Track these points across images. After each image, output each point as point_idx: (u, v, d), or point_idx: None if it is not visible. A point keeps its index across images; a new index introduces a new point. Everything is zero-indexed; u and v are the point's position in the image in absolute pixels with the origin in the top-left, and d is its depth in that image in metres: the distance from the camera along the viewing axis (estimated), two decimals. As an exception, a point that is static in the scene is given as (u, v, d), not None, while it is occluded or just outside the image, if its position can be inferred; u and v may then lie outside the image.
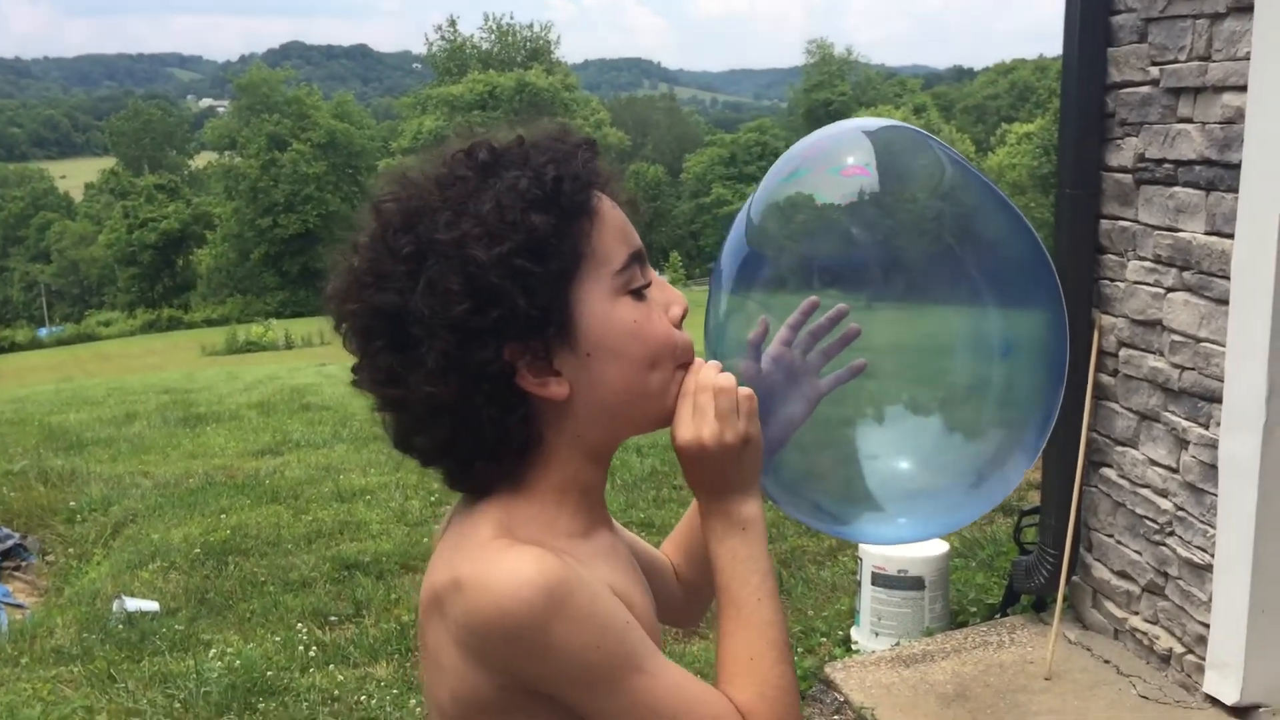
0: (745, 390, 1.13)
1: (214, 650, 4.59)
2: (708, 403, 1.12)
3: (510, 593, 0.98)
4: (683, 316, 1.16)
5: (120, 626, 4.83)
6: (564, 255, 1.05)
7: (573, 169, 1.08)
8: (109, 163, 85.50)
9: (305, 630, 4.78)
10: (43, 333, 52.70)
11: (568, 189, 1.06)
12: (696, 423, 1.12)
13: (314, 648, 4.60)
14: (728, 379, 1.13)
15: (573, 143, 1.11)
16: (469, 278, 1.02)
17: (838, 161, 1.30)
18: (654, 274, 1.15)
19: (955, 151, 1.33)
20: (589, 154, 1.11)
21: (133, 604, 5.05)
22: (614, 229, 1.10)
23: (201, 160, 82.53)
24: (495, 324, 1.03)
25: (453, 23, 67.72)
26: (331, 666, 4.45)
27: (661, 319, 1.13)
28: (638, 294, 1.11)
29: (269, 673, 4.36)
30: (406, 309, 1.03)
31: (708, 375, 1.13)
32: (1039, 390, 1.31)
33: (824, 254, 1.30)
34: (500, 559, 1.02)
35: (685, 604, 1.40)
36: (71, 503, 6.82)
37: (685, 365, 1.15)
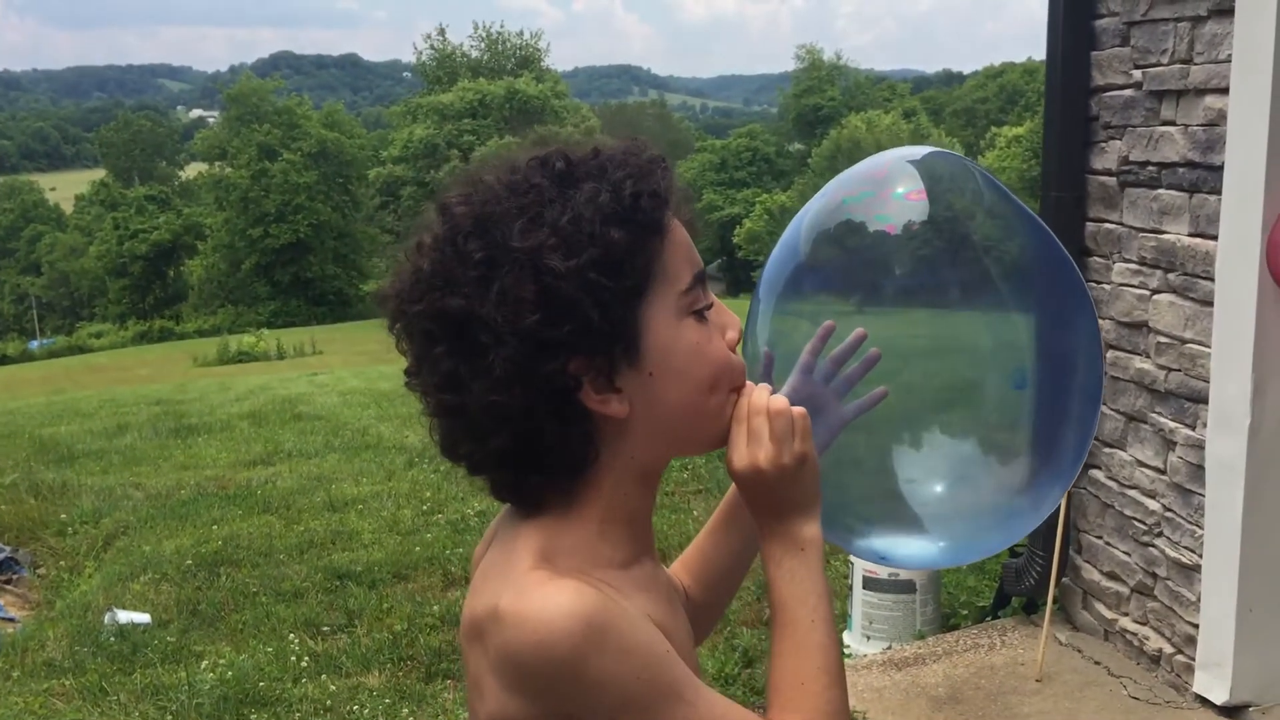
0: (799, 410, 1.12)
1: (206, 662, 4.59)
2: (762, 426, 1.11)
3: (549, 625, 0.97)
4: (738, 340, 1.15)
5: (112, 639, 4.82)
6: (637, 272, 1.04)
7: (651, 185, 1.06)
8: (99, 174, 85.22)
9: (297, 640, 4.78)
10: (34, 345, 52.49)
11: (645, 205, 1.05)
12: (752, 448, 1.11)
13: (306, 658, 4.60)
14: (781, 401, 1.12)
15: (649, 158, 1.10)
16: (544, 288, 1.00)
17: (899, 186, 1.32)
18: (713, 296, 1.14)
19: (995, 179, 1.36)
20: (665, 171, 1.10)
21: (124, 616, 5.05)
22: (682, 249, 1.09)
23: (192, 171, 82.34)
24: (565, 336, 1.01)
25: (442, 31, 67.77)
26: (324, 677, 4.45)
27: (720, 341, 1.12)
28: (700, 315, 1.10)
29: (261, 683, 4.35)
30: (474, 315, 1.01)
31: (760, 398, 1.12)
32: (1075, 416, 1.32)
33: (883, 275, 1.31)
34: (540, 591, 1.00)
35: (691, 625, 1.37)
36: (63, 515, 6.80)
37: (739, 389, 1.14)
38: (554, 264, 1.00)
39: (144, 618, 5.08)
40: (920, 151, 1.37)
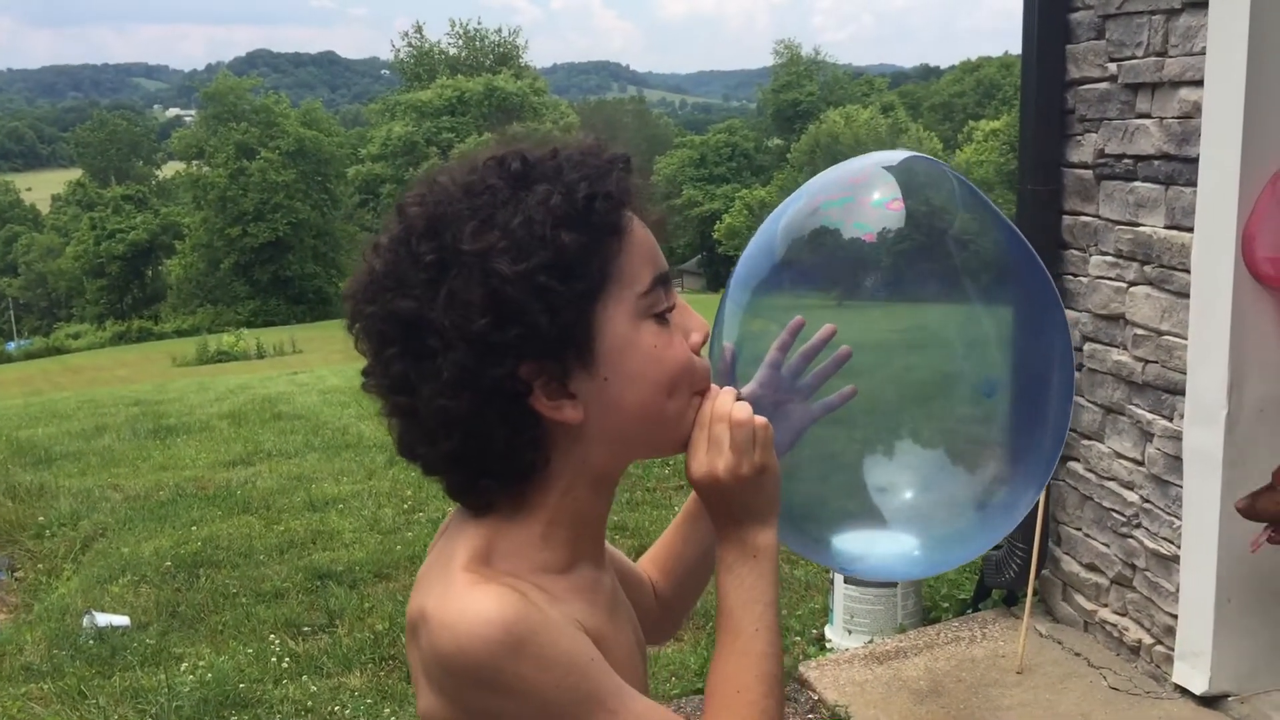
0: (761, 420, 1.11)
1: (186, 664, 4.56)
2: (723, 434, 1.10)
3: (469, 631, 0.97)
4: (703, 343, 1.13)
5: (91, 642, 4.79)
6: (590, 276, 1.02)
7: (606, 187, 1.05)
8: (75, 174, 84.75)
9: (278, 641, 4.75)
10: (10, 346, 52.16)
11: (600, 208, 1.03)
12: (711, 456, 1.10)
13: (287, 659, 4.58)
14: (744, 409, 1.10)
15: (607, 158, 1.08)
16: (491, 291, 0.99)
17: (877, 193, 1.32)
18: (677, 297, 1.12)
19: (969, 182, 1.36)
20: (623, 171, 1.08)
21: (103, 619, 5.01)
22: (642, 250, 1.07)
23: (169, 170, 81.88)
24: (514, 341, 1.00)
25: (419, 29, 67.62)
26: (305, 677, 4.43)
27: (682, 344, 1.10)
28: (660, 318, 1.08)
29: (241, 685, 4.33)
30: (424, 318, 1.01)
31: (724, 405, 1.11)
32: (1046, 418, 1.31)
33: (858, 278, 1.31)
34: (464, 596, 1.00)
35: (659, 620, 1.39)
36: (40, 518, 6.75)
37: (702, 392, 1.13)
38: (502, 268, 0.99)
39: (123, 620, 5.05)
40: (897, 157, 1.37)
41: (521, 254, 1.00)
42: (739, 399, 1.13)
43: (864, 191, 1.32)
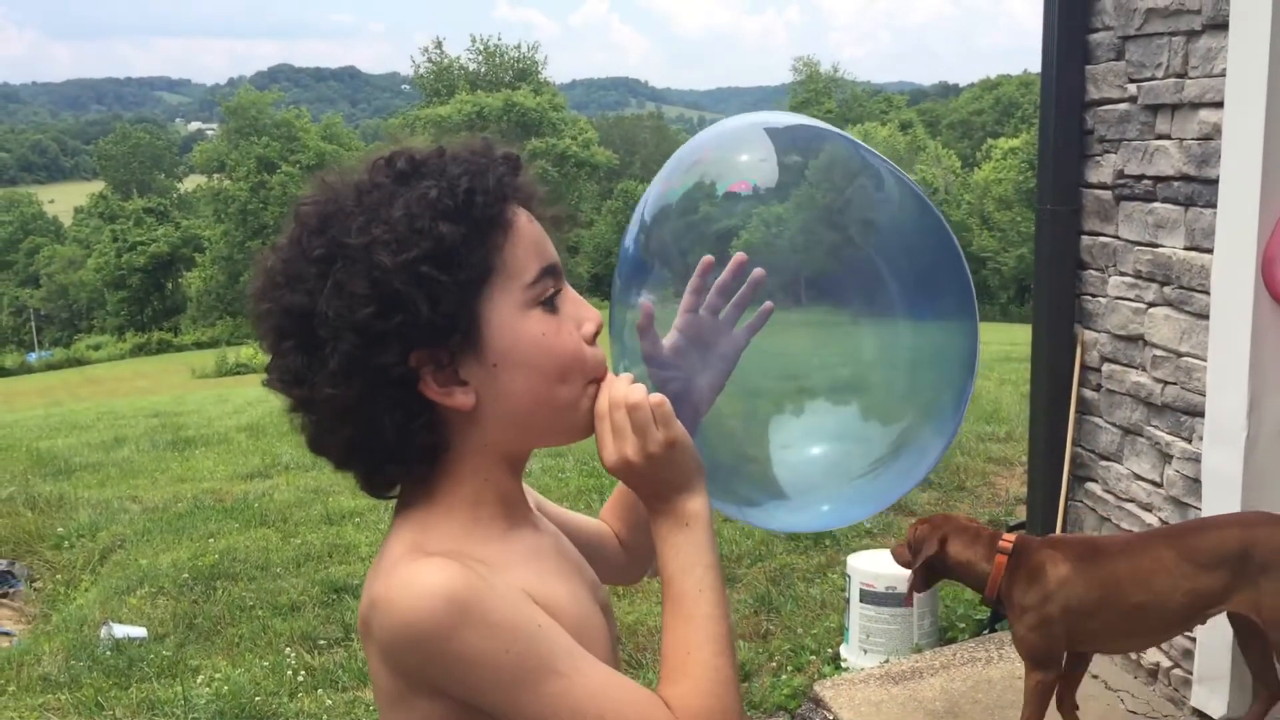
0: (656, 397, 1.13)
1: (202, 676, 4.57)
2: (623, 420, 1.13)
3: (414, 604, 1.01)
4: (596, 333, 1.17)
5: (108, 653, 4.81)
6: (472, 266, 1.07)
7: (486, 182, 1.09)
8: (97, 186, 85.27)
9: (294, 654, 4.76)
10: (32, 358, 52.51)
11: (480, 201, 1.08)
12: (618, 443, 1.13)
13: (303, 672, 4.59)
14: (638, 391, 1.13)
15: (492, 156, 1.13)
16: (374, 282, 1.03)
17: (734, 172, 1.33)
18: (570, 290, 1.16)
19: (860, 144, 1.36)
20: (508, 168, 1.12)
21: (120, 630, 5.04)
22: (528, 243, 1.11)
23: (190, 183, 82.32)
24: (398, 329, 1.04)
25: (439, 44, 68.03)
26: (320, 691, 4.44)
27: (572, 333, 1.14)
28: (549, 306, 1.12)
29: (257, 698, 4.34)
30: (315, 310, 1.05)
31: (619, 391, 1.14)
32: (948, 368, 1.33)
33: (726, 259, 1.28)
34: (406, 572, 1.04)
35: (627, 565, 1.44)
36: (59, 529, 6.79)
37: (598, 380, 1.16)
38: (384, 259, 1.03)
39: (140, 632, 5.07)
40: (779, 120, 1.38)
41: (403, 246, 1.04)
42: (635, 381, 1.16)
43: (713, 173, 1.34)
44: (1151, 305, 3.79)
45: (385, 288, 1.03)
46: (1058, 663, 3.20)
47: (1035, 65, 4.30)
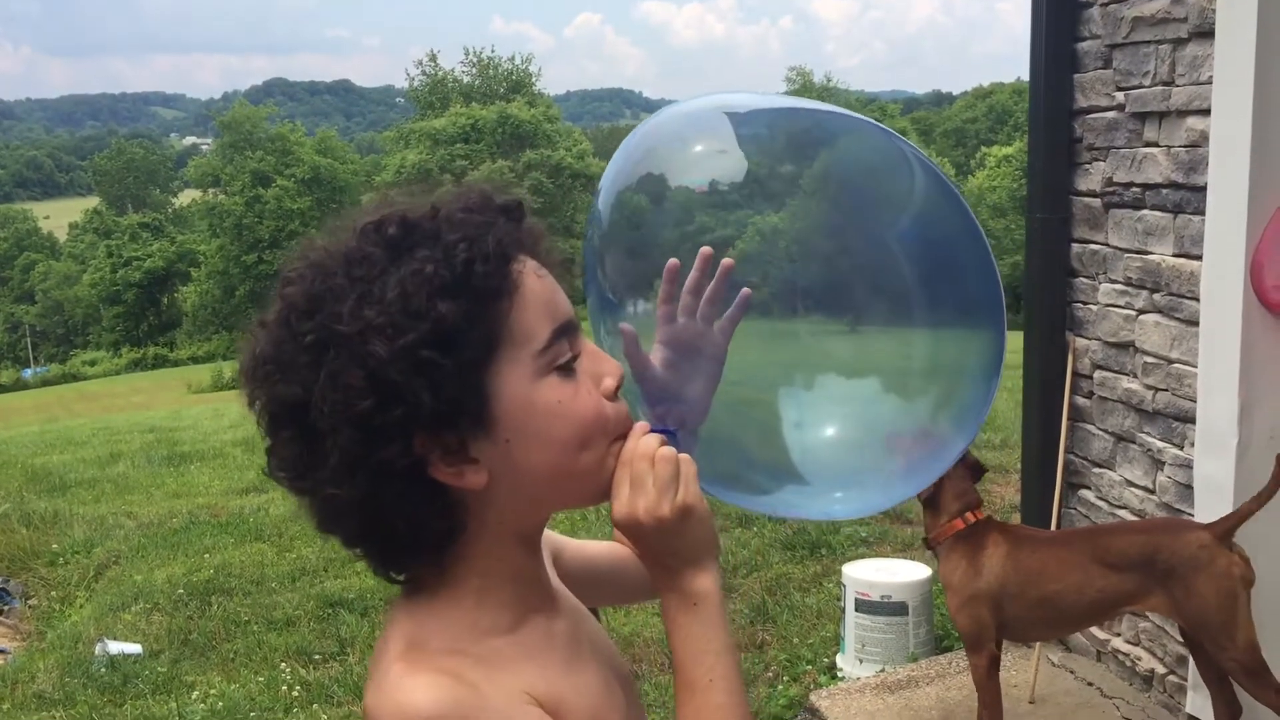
0: (685, 456, 1.07)
1: (197, 692, 4.57)
2: (645, 472, 1.05)
3: None
4: (617, 387, 1.08)
5: (103, 670, 4.81)
6: (476, 343, 0.98)
7: (485, 248, 0.99)
8: (93, 202, 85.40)
9: (289, 669, 4.76)
10: (27, 374, 52.52)
11: (480, 270, 0.98)
12: (632, 496, 1.05)
13: (298, 687, 4.58)
14: (668, 449, 1.06)
15: (491, 212, 1.03)
16: (370, 373, 0.95)
17: (691, 172, 1.33)
18: (586, 343, 1.08)
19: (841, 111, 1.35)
20: (509, 223, 1.04)
21: (115, 647, 5.03)
22: (537, 304, 1.02)
23: (185, 198, 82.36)
24: (400, 420, 0.96)
25: (434, 57, 67.96)
26: (315, 706, 4.43)
27: (591, 393, 1.05)
28: (565, 370, 1.03)
29: (252, 714, 4.34)
30: (310, 402, 0.97)
31: (647, 445, 1.07)
32: (970, 363, 1.31)
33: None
34: (396, 688, 0.98)
35: (649, 579, 1.40)
36: (55, 545, 6.78)
37: (622, 436, 1.08)
38: (378, 350, 0.95)
39: (135, 648, 5.07)
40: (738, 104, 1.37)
41: (399, 330, 0.95)
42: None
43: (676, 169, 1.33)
44: (1142, 312, 3.80)
45: (382, 378, 0.95)
46: (990, 644, 3.34)
47: (1027, 74, 4.32)
